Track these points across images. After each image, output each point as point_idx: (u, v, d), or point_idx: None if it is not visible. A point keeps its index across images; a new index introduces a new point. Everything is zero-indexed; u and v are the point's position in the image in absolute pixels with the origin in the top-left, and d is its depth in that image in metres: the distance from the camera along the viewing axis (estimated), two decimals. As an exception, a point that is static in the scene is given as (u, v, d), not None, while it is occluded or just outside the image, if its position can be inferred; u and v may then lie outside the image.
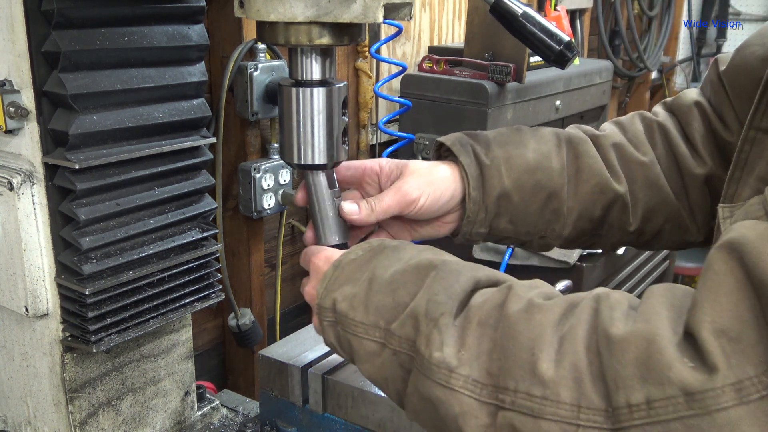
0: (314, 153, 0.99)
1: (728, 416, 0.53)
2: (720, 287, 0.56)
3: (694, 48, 4.94)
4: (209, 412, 1.40)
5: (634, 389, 0.57)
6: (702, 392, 0.54)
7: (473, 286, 0.76)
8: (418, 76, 2.30)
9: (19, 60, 0.99)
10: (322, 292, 0.85)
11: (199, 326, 1.99)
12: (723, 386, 0.53)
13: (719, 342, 0.54)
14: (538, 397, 0.63)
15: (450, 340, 0.71)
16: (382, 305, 0.78)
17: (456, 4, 2.68)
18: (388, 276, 0.79)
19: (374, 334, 0.78)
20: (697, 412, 0.54)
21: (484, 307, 0.72)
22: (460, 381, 0.69)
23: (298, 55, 0.96)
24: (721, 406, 0.53)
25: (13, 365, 1.19)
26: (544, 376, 0.63)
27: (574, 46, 0.98)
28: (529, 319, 0.67)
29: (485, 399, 0.67)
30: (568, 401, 0.61)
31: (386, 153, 2.12)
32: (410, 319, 0.75)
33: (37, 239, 1.06)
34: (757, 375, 0.53)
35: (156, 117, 1.12)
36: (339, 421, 1.26)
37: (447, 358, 0.70)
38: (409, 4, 0.95)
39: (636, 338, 0.59)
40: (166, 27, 1.11)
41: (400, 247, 0.85)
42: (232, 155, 1.92)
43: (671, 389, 0.55)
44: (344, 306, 0.82)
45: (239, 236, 2.00)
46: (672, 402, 0.55)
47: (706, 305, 0.56)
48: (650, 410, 0.56)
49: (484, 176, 1.03)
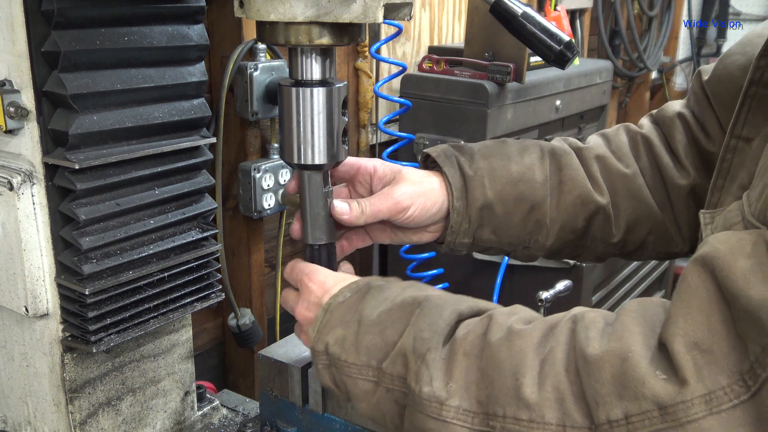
0: (314, 153, 0.99)
1: (699, 427, 0.55)
2: (693, 301, 0.59)
3: (694, 48, 4.94)
4: (209, 412, 1.40)
5: (613, 405, 0.60)
6: (674, 405, 0.57)
7: (456, 318, 0.78)
8: (418, 76, 2.30)
9: (19, 60, 0.99)
10: (314, 336, 0.88)
11: (199, 326, 1.99)
12: (693, 398, 0.56)
13: (691, 355, 0.57)
14: (525, 420, 0.66)
15: (438, 373, 0.73)
16: (372, 345, 0.81)
17: (456, 4, 2.68)
18: (375, 317, 0.82)
19: (367, 374, 0.81)
20: (670, 424, 0.57)
21: (468, 338, 0.74)
22: (452, 412, 0.72)
23: (298, 55, 0.96)
24: (691, 417, 0.56)
25: (13, 365, 1.19)
26: (528, 399, 0.65)
27: (574, 46, 0.98)
28: (510, 346, 0.70)
29: (477, 427, 0.70)
30: (553, 422, 0.64)
31: (386, 153, 2.13)
32: (399, 357, 0.77)
33: (37, 239, 1.06)
34: (729, 385, 0.55)
35: (156, 117, 1.12)
36: (339, 421, 1.26)
37: (437, 391, 0.72)
38: (409, 4, 0.95)
39: (611, 357, 0.61)
40: (166, 27, 1.11)
41: (385, 287, 0.87)
42: (232, 155, 1.92)
43: (646, 404, 0.58)
44: (336, 349, 0.84)
45: (239, 236, 2.00)
46: (648, 416, 0.58)
47: (680, 319, 0.59)
48: (629, 425, 0.59)
49: (468, 187, 1.05)
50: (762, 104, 0.77)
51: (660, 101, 5.03)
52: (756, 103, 0.78)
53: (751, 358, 0.54)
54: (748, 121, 0.79)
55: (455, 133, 2.23)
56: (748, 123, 0.79)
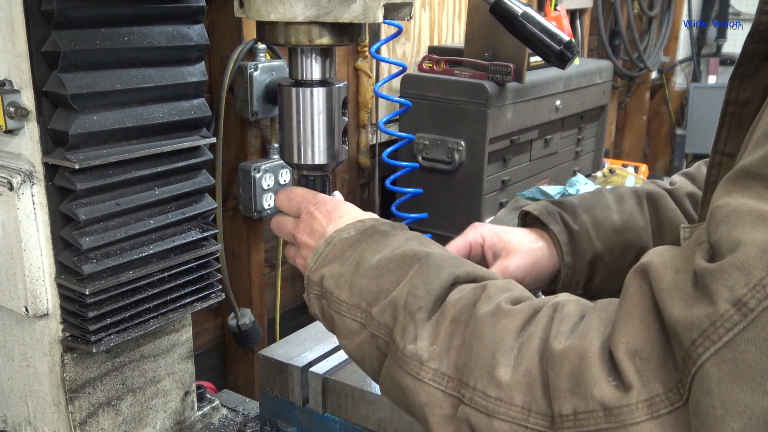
0: (314, 153, 0.99)
1: (640, 429, 0.59)
2: (633, 310, 0.62)
3: (694, 48, 4.94)
4: (209, 412, 1.40)
5: (565, 401, 0.63)
6: (618, 408, 0.60)
7: (452, 281, 0.80)
8: (418, 76, 2.30)
9: (19, 60, 0.99)
10: (312, 266, 0.89)
11: (199, 326, 1.99)
12: (636, 403, 0.59)
13: (633, 362, 0.60)
14: (493, 398, 0.68)
15: (424, 334, 0.76)
16: (365, 288, 0.82)
17: (456, 4, 2.68)
18: (374, 261, 0.83)
19: (355, 314, 0.83)
20: (613, 425, 0.60)
21: (458, 305, 0.76)
22: (429, 374, 0.74)
23: (298, 55, 0.96)
24: (634, 420, 0.59)
25: (13, 365, 1.19)
26: (500, 379, 0.68)
27: (574, 45, 0.98)
28: (495, 323, 0.72)
29: (450, 391, 0.73)
30: (519, 404, 0.67)
31: (386, 153, 2.13)
32: (390, 308, 0.79)
33: (37, 239, 1.06)
34: (665, 392, 0.58)
35: (156, 117, 1.12)
36: (339, 421, 1.26)
37: (419, 351, 0.75)
38: (409, 4, 0.95)
39: (571, 353, 0.64)
40: (166, 27, 1.11)
41: (390, 233, 0.88)
42: (232, 155, 1.92)
43: (593, 403, 0.61)
44: (330, 284, 0.86)
45: (239, 236, 2.00)
46: (593, 415, 0.61)
47: (622, 327, 0.62)
48: (576, 421, 0.62)
49: (575, 241, 1.10)
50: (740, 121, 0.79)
51: (660, 101, 5.03)
52: (735, 120, 0.80)
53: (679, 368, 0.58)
54: (730, 138, 0.81)
55: (455, 133, 2.23)
56: (729, 140, 0.81)
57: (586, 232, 1.10)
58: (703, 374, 0.55)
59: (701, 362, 0.55)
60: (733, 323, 0.53)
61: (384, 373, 0.81)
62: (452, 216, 2.30)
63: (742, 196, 0.58)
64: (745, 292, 0.53)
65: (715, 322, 0.54)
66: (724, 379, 0.53)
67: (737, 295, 0.53)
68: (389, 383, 0.80)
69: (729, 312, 0.53)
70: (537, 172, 2.59)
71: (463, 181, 2.27)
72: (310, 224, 0.94)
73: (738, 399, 0.53)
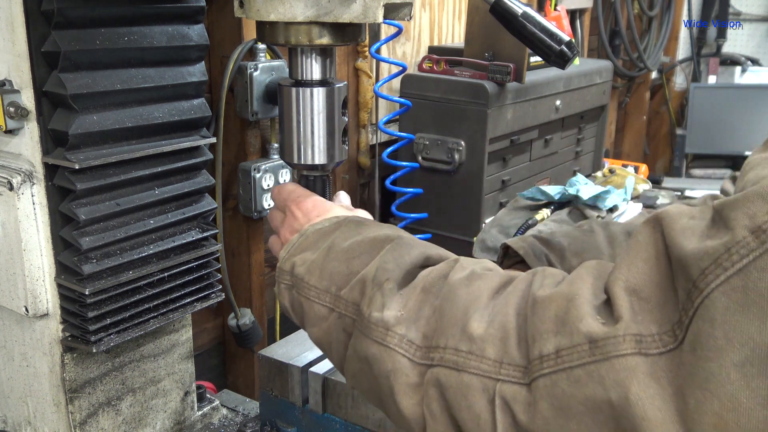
0: (314, 153, 0.99)
1: (626, 363, 0.55)
2: (639, 253, 0.59)
3: (694, 48, 4.93)
4: (209, 412, 1.40)
5: (548, 341, 0.60)
6: (605, 339, 0.56)
7: (423, 260, 0.78)
8: (418, 76, 2.30)
9: (19, 60, 0.99)
10: (284, 256, 0.88)
11: (199, 326, 1.99)
12: (624, 335, 0.55)
13: (629, 299, 0.57)
14: (464, 352, 0.65)
15: (391, 303, 0.73)
16: (336, 272, 0.80)
17: (456, 4, 2.68)
18: (346, 246, 0.82)
19: (324, 299, 0.81)
20: (598, 358, 0.56)
21: (430, 276, 0.74)
22: (395, 339, 0.71)
23: (298, 55, 0.96)
24: (620, 352, 0.55)
25: (13, 365, 1.19)
26: (473, 333, 0.65)
27: (574, 45, 0.98)
28: (469, 285, 0.70)
29: (417, 359, 0.70)
30: (492, 357, 0.64)
31: (386, 153, 2.13)
32: (358, 284, 0.77)
33: (37, 239, 1.06)
34: (659, 333, 0.55)
35: (156, 117, 1.12)
36: (339, 421, 1.26)
37: (385, 317, 0.72)
38: (409, 4, 0.95)
39: (558, 297, 0.61)
40: (166, 27, 1.11)
41: (363, 223, 0.87)
42: (232, 155, 1.92)
43: (578, 338, 0.58)
44: (301, 270, 0.84)
45: (239, 236, 2.00)
46: (577, 350, 0.58)
47: (624, 267, 0.59)
48: (558, 359, 0.59)
49: None
50: None
51: (660, 101, 5.03)
52: None
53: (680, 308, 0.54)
54: None
55: (455, 133, 2.23)
56: None
57: None
58: (708, 304, 0.51)
59: (709, 291, 0.51)
60: (749, 250, 0.49)
61: (350, 353, 0.77)
62: (452, 216, 2.30)
63: None
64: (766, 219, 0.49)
65: (729, 249, 0.50)
66: (731, 307, 0.49)
67: (758, 222, 0.49)
68: (354, 363, 0.77)
69: (747, 239, 0.49)
70: (537, 172, 2.59)
71: (463, 181, 2.27)
72: (291, 223, 0.95)
73: (743, 329, 0.49)
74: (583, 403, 0.57)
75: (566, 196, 2.36)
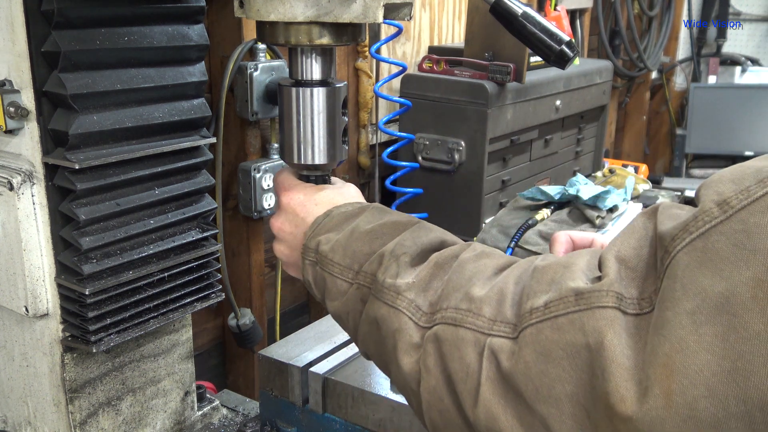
0: (314, 153, 0.99)
1: (606, 313, 0.60)
2: (634, 233, 0.65)
3: (694, 48, 4.93)
4: (209, 412, 1.40)
5: (539, 297, 0.66)
6: (589, 291, 0.62)
7: (439, 244, 0.83)
8: (418, 76, 2.30)
9: (19, 60, 0.99)
10: (310, 234, 0.92)
11: (199, 326, 1.99)
12: (608, 290, 0.61)
13: (618, 265, 0.62)
14: (464, 310, 0.71)
15: (405, 272, 0.79)
16: (359, 251, 0.85)
17: (456, 4, 2.68)
18: (369, 228, 0.87)
19: (347, 276, 0.86)
20: (582, 307, 0.62)
21: (443, 254, 0.80)
22: (405, 302, 0.77)
23: (298, 55, 0.95)
24: (602, 304, 0.61)
25: (13, 365, 1.19)
26: (473, 295, 0.71)
27: (574, 45, 0.98)
28: (477, 261, 0.76)
29: (421, 323, 0.75)
30: (487, 315, 0.69)
31: (386, 153, 2.13)
32: (377, 258, 0.83)
33: (37, 239, 1.06)
34: (638, 298, 0.60)
35: (156, 117, 1.12)
36: (339, 421, 1.26)
37: (398, 283, 0.78)
38: (409, 4, 0.95)
39: (557, 265, 0.68)
40: (166, 27, 1.11)
41: (385, 210, 0.92)
42: (232, 155, 1.92)
43: (566, 291, 0.64)
44: (326, 248, 0.89)
45: (239, 236, 2.00)
46: (563, 301, 0.63)
47: (618, 241, 0.65)
48: (546, 309, 0.64)
49: None
50: None
51: (660, 101, 5.03)
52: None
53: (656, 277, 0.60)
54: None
55: (455, 133, 2.23)
56: None
57: None
58: (674, 264, 0.56)
59: (675, 252, 0.57)
60: (712, 217, 0.55)
61: (363, 318, 0.83)
62: (452, 216, 2.30)
63: None
64: (732, 195, 0.55)
65: (697, 217, 0.56)
66: (691, 264, 0.55)
67: (724, 197, 0.55)
68: (366, 327, 0.82)
69: (712, 210, 0.55)
70: (537, 172, 2.59)
71: (463, 181, 2.27)
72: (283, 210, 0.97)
73: (697, 281, 0.54)
74: (563, 348, 0.62)
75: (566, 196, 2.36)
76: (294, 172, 1.01)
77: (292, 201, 0.96)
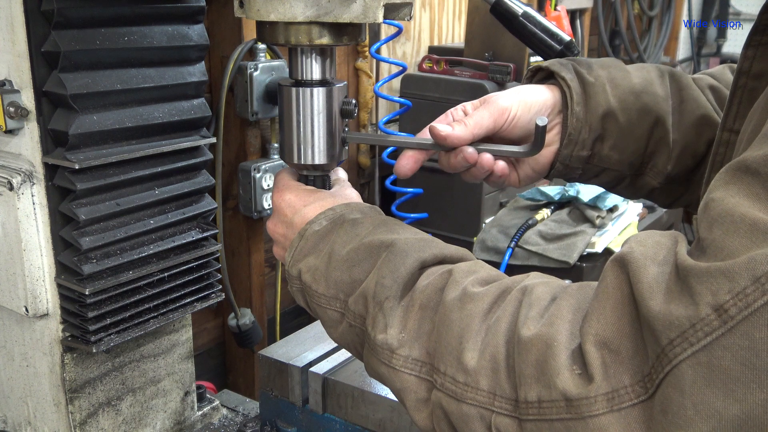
0: (314, 153, 0.99)
1: (599, 422, 0.60)
2: (608, 300, 0.62)
3: (694, 48, 4.94)
4: (209, 412, 1.40)
5: (531, 388, 0.64)
6: (578, 399, 0.61)
7: (419, 266, 0.81)
8: (418, 76, 2.30)
9: (19, 60, 0.99)
10: (289, 260, 0.91)
11: (199, 326, 1.99)
12: (596, 396, 0.60)
13: (600, 353, 0.61)
14: (461, 383, 0.70)
15: (393, 322, 0.78)
16: (340, 280, 0.84)
17: (456, 4, 2.68)
18: (345, 253, 0.85)
19: (335, 305, 0.85)
20: (573, 416, 0.61)
21: (426, 291, 0.78)
22: (401, 361, 0.76)
23: (298, 55, 0.95)
24: (593, 413, 0.60)
25: (13, 365, 1.19)
26: (467, 365, 0.70)
27: (574, 45, 0.98)
28: (462, 308, 0.73)
29: (423, 375, 0.75)
30: (485, 389, 0.69)
31: (386, 153, 2.13)
32: (361, 298, 0.82)
33: (37, 239, 1.06)
34: (632, 384, 0.59)
35: (156, 117, 1.12)
36: (339, 421, 1.26)
37: (389, 339, 0.77)
38: (409, 4, 0.95)
39: (538, 341, 0.65)
40: (166, 27, 1.11)
41: (358, 222, 0.89)
42: (232, 155, 1.92)
43: (555, 393, 0.62)
44: (308, 278, 0.88)
45: (239, 236, 2.00)
46: (555, 404, 0.62)
47: (593, 318, 0.63)
48: (540, 408, 0.64)
49: (588, 93, 0.99)
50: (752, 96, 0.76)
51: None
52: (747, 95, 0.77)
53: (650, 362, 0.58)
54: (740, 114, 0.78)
55: (455, 133, 2.23)
56: (739, 116, 0.78)
57: (601, 86, 0.99)
58: (678, 373, 0.55)
59: (677, 362, 0.55)
60: (713, 328, 0.54)
61: (365, 360, 0.83)
62: (452, 216, 2.30)
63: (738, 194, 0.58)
64: (728, 299, 0.53)
65: (695, 325, 0.54)
66: (698, 381, 0.54)
67: (720, 301, 0.54)
68: (370, 370, 0.83)
69: (710, 317, 0.54)
70: (537, 172, 2.59)
71: (463, 181, 2.26)
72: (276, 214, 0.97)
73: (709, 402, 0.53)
74: None
75: (566, 196, 2.36)
76: (294, 173, 1.01)
77: (283, 202, 0.95)
